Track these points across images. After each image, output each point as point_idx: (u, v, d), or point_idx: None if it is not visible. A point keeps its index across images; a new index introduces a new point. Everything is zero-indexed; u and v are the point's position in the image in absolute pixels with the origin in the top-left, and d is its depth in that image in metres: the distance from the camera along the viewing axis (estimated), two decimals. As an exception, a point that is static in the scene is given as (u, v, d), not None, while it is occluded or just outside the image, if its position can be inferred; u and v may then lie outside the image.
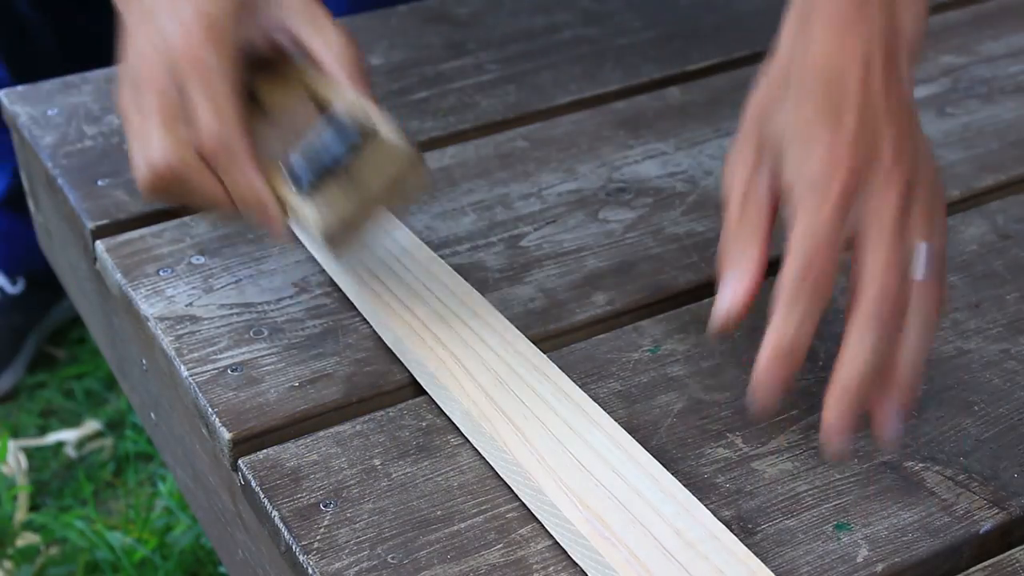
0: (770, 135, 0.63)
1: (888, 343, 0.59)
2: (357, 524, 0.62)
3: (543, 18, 1.08)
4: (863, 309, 0.59)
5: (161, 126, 0.66)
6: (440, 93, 0.98)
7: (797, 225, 0.60)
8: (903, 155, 0.61)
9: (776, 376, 0.58)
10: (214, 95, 0.66)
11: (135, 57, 0.69)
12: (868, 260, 0.59)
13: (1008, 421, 0.68)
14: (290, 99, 0.71)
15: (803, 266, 0.58)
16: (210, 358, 0.72)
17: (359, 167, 0.67)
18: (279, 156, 0.68)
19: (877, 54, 0.62)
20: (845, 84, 0.61)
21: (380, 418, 0.68)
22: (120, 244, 0.82)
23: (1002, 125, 0.93)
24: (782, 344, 0.58)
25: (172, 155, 0.66)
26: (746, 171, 0.63)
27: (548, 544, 0.61)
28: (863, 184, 0.60)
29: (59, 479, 1.48)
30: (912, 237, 0.60)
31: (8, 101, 0.98)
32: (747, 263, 0.62)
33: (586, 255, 0.80)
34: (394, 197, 0.68)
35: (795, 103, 0.62)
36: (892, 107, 0.62)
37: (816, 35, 0.63)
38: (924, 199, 0.61)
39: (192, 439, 0.74)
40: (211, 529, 0.79)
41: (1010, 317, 0.75)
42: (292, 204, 0.67)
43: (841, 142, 0.60)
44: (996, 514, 0.62)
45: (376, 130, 0.67)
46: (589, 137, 0.93)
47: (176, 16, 0.68)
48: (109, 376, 1.60)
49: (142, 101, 0.68)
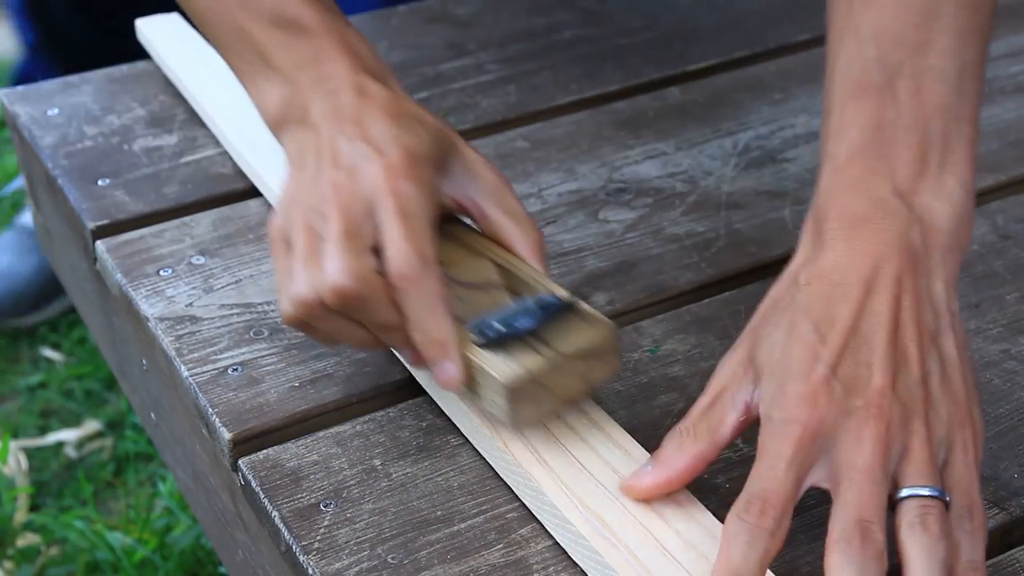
0: (756, 358, 0.60)
1: None
2: (357, 524, 0.62)
3: (543, 18, 1.08)
4: (829, 550, 0.54)
5: (343, 247, 0.62)
6: (440, 93, 0.98)
7: (756, 463, 0.56)
8: (895, 387, 0.56)
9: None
10: (412, 226, 0.63)
11: (315, 182, 0.65)
12: (836, 508, 0.55)
13: (1008, 421, 0.68)
14: (470, 261, 0.68)
15: (745, 503, 0.55)
16: (210, 358, 0.72)
17: (552, 334, 0.62)
18: (455, 310, 0.64)
19: (893, 259, 0.59)
20: (837, 311, 0.58)
21: (380, 418, 0.68)
22: (120, 244, 0.82)
23: (1002, 125, 0.93)
24: (726, 569, 0.54)
25: (352, 276, 0.62)
26: (728, 378, 0.60)
27: (548, 544, 0.61)
28: (829, 433, 0.56)
29: (59, 479, 1.48)
30: (893, 479, 0.56)
31: (8, 101, 0.98)
32: (674, 464, 0.59)
33: (586, 255, 0.81)
34: (584, 372, 0.62)
35: (786, 331, 0.59)
36: (899, 328, 0.58)
37: (827, 237, 0.61)
38: (923, 437, 0.56)
39: (192, 439, 0.74)
40: (211, 529, 0.79)
41: (1010, 317, 0.75)
42: (474, 357, 0.62)
43: (808, 393, 0.56)
44: (996, 514, 0.63)
45: (575, 301, 0.64)
46: (589, 137, 0.93)
47: (376, 147, 0.65)
48: (109, 376, 1.60)
49: (319, 223, 0.64)
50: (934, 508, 0.55)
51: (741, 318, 0.75)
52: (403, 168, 0.64)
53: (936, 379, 0.58)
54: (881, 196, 0.60)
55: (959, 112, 0.63)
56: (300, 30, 0.69)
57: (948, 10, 0.63)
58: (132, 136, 0.93)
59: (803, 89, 0.98)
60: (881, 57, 0.63)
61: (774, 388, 0.57)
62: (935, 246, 0.60)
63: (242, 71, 0.72)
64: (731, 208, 0.85)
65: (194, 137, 0.92)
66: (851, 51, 0.64)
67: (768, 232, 0.82)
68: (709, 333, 0.74)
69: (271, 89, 0.70)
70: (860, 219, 0.60)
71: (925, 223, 0.60)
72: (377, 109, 0.67)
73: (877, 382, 0.56)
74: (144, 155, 0.91)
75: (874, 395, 0.56)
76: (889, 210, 0.60)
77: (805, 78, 0.99)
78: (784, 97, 0.97)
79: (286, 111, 0.69)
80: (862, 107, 0.63)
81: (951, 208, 0.61)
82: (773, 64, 1.02)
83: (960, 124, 0.63)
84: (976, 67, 0.64)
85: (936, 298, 0.60)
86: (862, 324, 0.58)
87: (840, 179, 0.62)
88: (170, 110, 0.96)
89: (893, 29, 0.63)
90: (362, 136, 0.66)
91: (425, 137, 0.67)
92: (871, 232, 0.60)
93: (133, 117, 0.95)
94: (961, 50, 0.63)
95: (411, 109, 0.68)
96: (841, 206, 0.61)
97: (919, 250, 0.60)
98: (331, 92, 0.68)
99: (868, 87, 0.63)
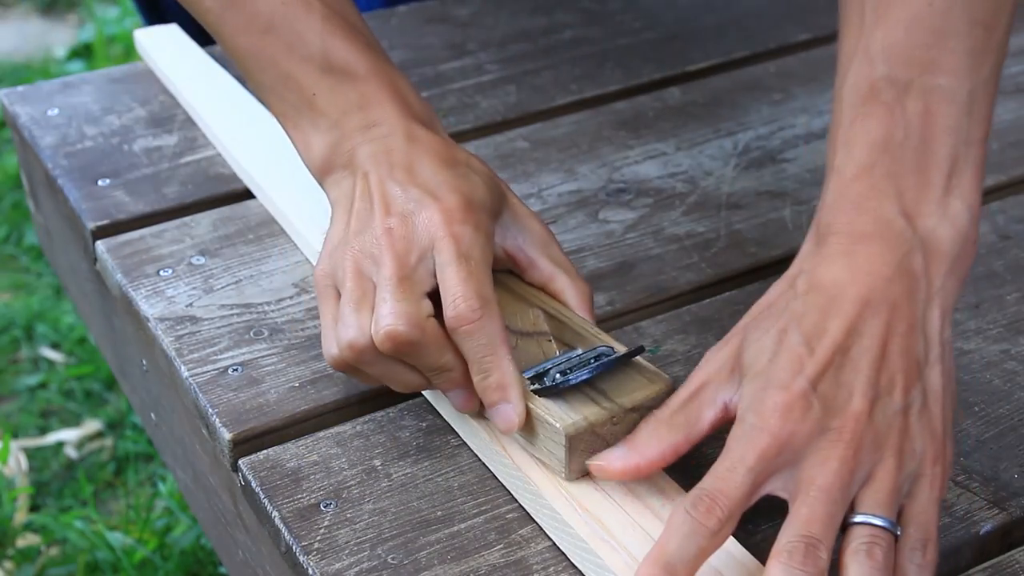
0: (743, 359, 0.60)
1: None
2: (357, 524, 0.62)
3: (543, 19, 1.08)
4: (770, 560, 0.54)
5: (397, 293, 0.62)
6: (440, 93, 0.98)
7: (718, 461, 0.56)
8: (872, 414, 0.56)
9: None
10: (472, 269, 0.62)
11: (365, 228, 0.65)
12: (788, 520, 0.55)
13: (1008, 422, 0.68)
14: (520, 309, 0.68)
15: (695, 498, 0.55)
16: (210, 359, 0.72)
17: (609, 385, 0.62)
18: None
19: (892, 282, 0.59)
20: (828, 326, 0.58)
21: (380, 418, 0.68)
22: (120, 244, 0.82)
23: (1002, 125, 0.93)
24: (659, 558, 0.54)
25: (407, 321, 0.61)
26: (712, 374, 0.60)
27: (548, 545, 0.61)
28: (798, 447, 0.55)
29: (59, 479, 1.48)
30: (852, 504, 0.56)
31: (8, 102, 0.98)
32: (646, 451, 0.59)
33: (586, 255, 0.80)
34: (638, 425, 0.61)
35: (775, 338, 0.59)
36: (887, 355, 0.57)
37: (829, 250, 0.60)
38: (891, 468, 0.56)
39: (192, 439, 0.74)
40: (211, 529, 0.79)
41: (1010, 318, 0.75)
42: (533, 404, 0.62)
43: (785, 403, 0.56)
44: (996, 515, 0.62)
45: (633, 354, 0.63)
46: (589, 137, 0.93)
47: (430, 192, 0.65)
48: (109, 376, 1.60)
49: (371, 269, 0.64)
50: (883, 539, 0.55)
51: (741, 318, 0.75)
52: (460, 212, 0.64)
53: (916, 410, 0.58)
54: (887, 216, 0.60)
55: (968, 134, 0.62)
56: (347, 75, 0.69)
57: (960, 29, 0.63)
58: (132, 136, 0.93)
59: (803, 89, 0.98)
60: (891, 75, 0.63)
61: (754, 392, 0.58)
62: (936, 271, 0.60)
63: (286, 115, 0.71)
64: (731, 208, 0.85)
65: (194, 137, 0.92)
66: (861, 67, 0.64)
67: (768, 232, 0.82)
68: (709, 333, 0.74)
69: (317, 135, 0.69)
70: (864, 236, 0.60)
71: (928, 247, 0.60)
72: (428, 155, 0.67)
73: (855, 406, 0.56)
74: (144, 155, 0.91)
75: (849, 419, 0.56)
76: (894, 231, 0.60)
77: (805, 78, 0.99)
78: (784, 97, 0.97)
79: (332, 157, 0.69)
80: (870, 125, 0.62)
81: (955, 232, 0.61)
82: (773, 64, 1.02)
83: (968, 146, 0.62)
84: (987, 88, 0.63)
85: (930, 326, 0.59)
86: (851, 344, 0.58)
87: (846, 194, 0.62)
88: (170, 110, 0.96)
89: (903, 47, 0.63)
90: (414, 182, 0.65)
91: (479, 183, 0.67)
92: (874, 252, 0.60)
93: (133, 117, 0.95)
94: (972, 70, 0.63)
95: (461, 156, 0.68)
96: (846, 221, 0.61)
97: (919, 274, 0.60)
98: (380, 138, 0.67)
99: (877, 104, 0.62)
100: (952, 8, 0.63)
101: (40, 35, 2.54)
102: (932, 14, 0.63)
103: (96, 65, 2.32)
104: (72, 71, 2.30)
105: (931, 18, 0.63)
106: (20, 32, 2.56)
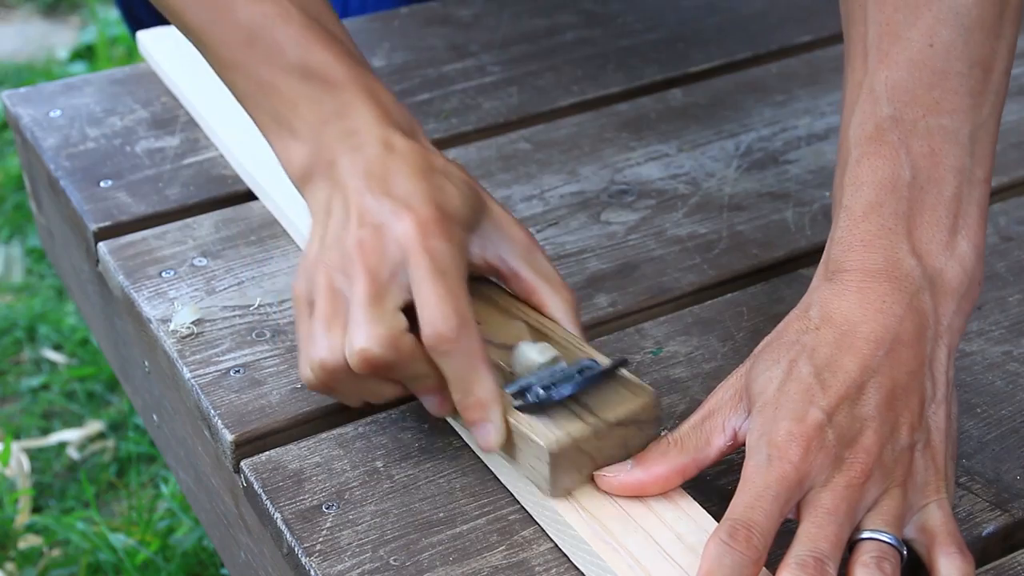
0: (751, 389, 0.60)
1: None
2: (359, 526, 0.62)
3: (545, 20, 1.08)
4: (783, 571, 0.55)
5: (369, 311, 0.61)
6: (442, 95, 0.98)
7: (740, 491, 0.57)
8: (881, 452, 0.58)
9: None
10: (448, 285, 0.61)
11: (339, 241, 0.64)
12: (796, 539, 0.56)
13: (1011, 423, 0.68)
14: (502, 322, 0.67)
15: (731, 529, 0.55)
16: (212, 360, 0.72)
17: (593, 400, 0.61)
18: None
19: (904, 321, 0.60)
20: (842, 362, 0.59)
21: (382, 420, 0.68)
22: (123, 246, 0.82)
23: (1003, 127, 0.93)
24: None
25: (379, 342, 0.60)
26: (722, 403, 0.61)
27: (550, 546, 0.61)
28: (816, 475, 0.57)
29: (61, 481, 1.48)
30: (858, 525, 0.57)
31: (11, 103, 0.98)
32: (654, 469, 0.60)
33: (588, 257, 0.80)
34: (624, 439, 0.61)
35: (785, 369, 0.59)
36: (896, 396, 0.59)
37: (842, 287, 0.61)
38: (897, 497, 0.58)
39: (194, 441, 0.74)
40: (213, 531, 0.79)
41: (1012, 319, 0.75)
42: (515, 421, 0.61)
43: (802, 433, 0.57)
44: (998, 516, 0.62)
45: (617, 367, 0.62)
46: (591, 139, 0.93)
47: (404, 204, 0.63)
48: (111, 378, 1.60)
49: (344, 285, 0.63)
50: (891, 555, 0.56)
51: (743, 320, 0.75)
52: (434, 225, 0.63)
53: (920, 447, 0.59)
54: (897, 256, 0.62)
55: (972, 174, 0.64)
56: (326, 83, 0.68)
57: (961, 69, 0.64)
58: (134, 138, 0.93)
59: (805, 91, 0.98)
60: (896, 115, 0.64)
61: (765, 422, 0.58)
62: (944, 311, 0.62)
63: (266, 125, 0.71)
64: (733, 210, 0.85)
65: (196, 139, 0.92)
66: (866, 107, 0.65)
67: (770, 234, 0.82)
68: (711, 335, 0.74)
69: (296, 144, 0.69)
70: (875, 274, 0.61)
71: (936, 286, 0.62)
72: (405, 164, 0.66)
73: (867, 440, 0.58)
74: (146, 157, 0.91)
75: (861, 451, 0.57)
76: (904, 270, 0.61)
77: (807, 80, 0.99)
78: (786, 99, 0.97)
79: (311, 167, 0.68)
80: (877, 165, 0.63)
81: (962, 272, 0.62)
82: (775, 66, 1.02)
83: (972, 186, 0.64)
84: (989, 127, 0.65)
85: (936, 366, 0.61)
86: (866, 380, 0.59)
87: (857, 233, 0.63)
88: (172, 112, 0.96)
89: (906, 87, 0.64)
90: (388, 193, 0.64)
91: (455, 194, 0.66)
92: (885, 290, 0.61)
93: (135, 119, 0.95)
94: (973, 110, 0.64)
95: (440, 164, 0.67)
96: (858, 260, 0.62)
97: (928, 313, 0.61)
98: (357, 147, 0.67)
99: (883, 144, 0.64)
100: (951, 49, 0.64)
101: (42, 37, 2.54)
102: (934, 55, 0.64)
103: (98, 67, 2.32)
104: (74, 72, 2.30)
105: (933, 59, 0.64)
106: (22, 34, 2.56)
